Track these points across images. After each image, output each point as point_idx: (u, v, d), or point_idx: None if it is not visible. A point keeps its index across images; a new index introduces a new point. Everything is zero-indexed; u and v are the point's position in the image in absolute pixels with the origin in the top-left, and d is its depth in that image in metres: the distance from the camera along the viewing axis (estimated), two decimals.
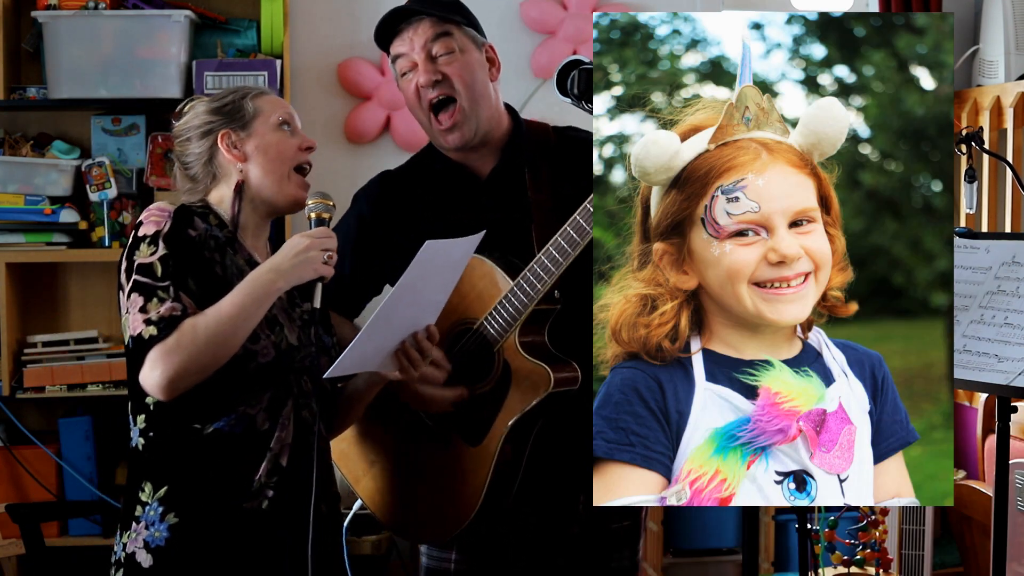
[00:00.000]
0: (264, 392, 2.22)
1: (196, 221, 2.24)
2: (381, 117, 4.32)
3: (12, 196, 3.92)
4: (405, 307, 2.22)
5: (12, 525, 3.35)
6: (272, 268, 2.20)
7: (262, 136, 2.33)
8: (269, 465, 2.21)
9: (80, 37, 3.94)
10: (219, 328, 2.13)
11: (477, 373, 2.42)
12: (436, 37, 2.44)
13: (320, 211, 2.31)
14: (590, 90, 2.38)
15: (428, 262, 2.17)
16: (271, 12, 4.11)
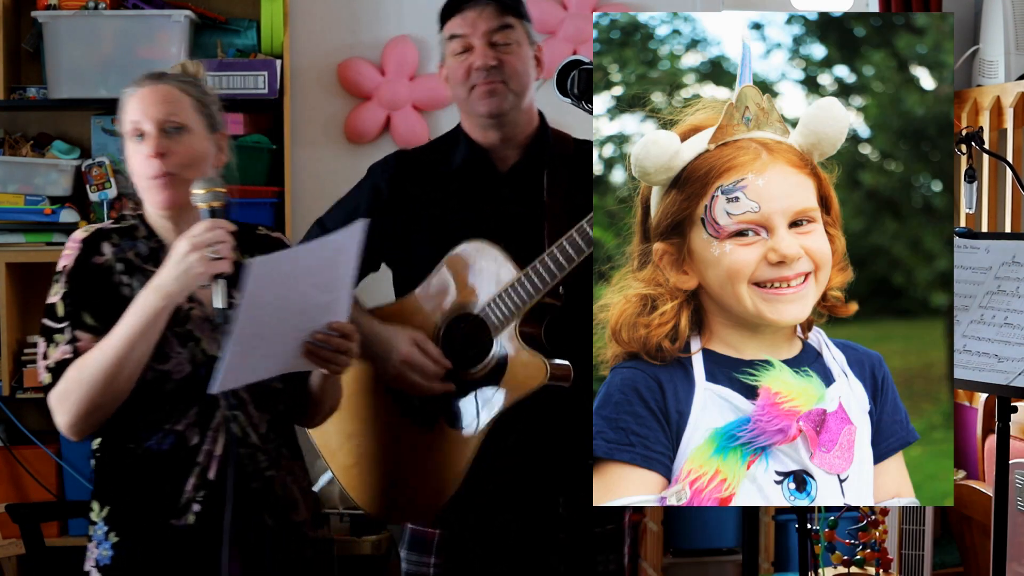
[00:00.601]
0: (191, 407, 2.20)
1: (104, 247, 2.23)
2: (381, 117, 4.32)
3: (12, 196, 3.92)
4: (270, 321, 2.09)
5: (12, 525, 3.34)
6: (155, 287, 2.13)
7: (127, 152, 2.28)
8: (196, 480, 2.19)
9: (80, 37, 3.94)
10: (103, 366, 2.12)
11: (472, 357, 2.42)
12: (500, 27, 2.46)
13: (208, 200, 2.15)
14: (590, 90, 2.38)
15: (267, 279, 2.04)
16: (271, 12, 4.11)
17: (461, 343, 2.44)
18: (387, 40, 4.33)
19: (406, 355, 2.41)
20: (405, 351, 2.42)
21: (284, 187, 4.13)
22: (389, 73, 4.32)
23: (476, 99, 2.46)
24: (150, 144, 2.21)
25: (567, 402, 2.41)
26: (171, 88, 2.28)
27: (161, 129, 2.22)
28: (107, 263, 2.23)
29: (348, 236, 2.14)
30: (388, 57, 4.32)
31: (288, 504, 2.28)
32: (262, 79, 4.02)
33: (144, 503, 2.21)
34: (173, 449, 2.20)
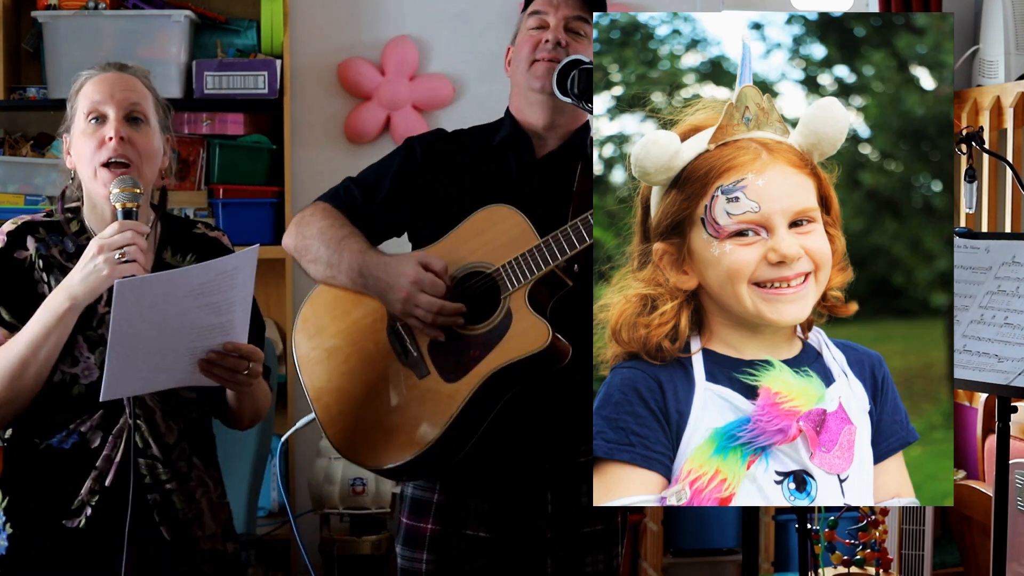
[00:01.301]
0: (97, 409, 2.18)
1: (28, 241, 2.21)
2: (381, 117, 4.32)
3: (12, 196, 3.92)
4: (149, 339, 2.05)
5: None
6: (63, 289, 2.11)
7: (76, 140, 2.24)
8: (92, 483, 2.17)
9: (80, 37, 3.94)
10: (9, 365, 2.11)
11: (477, 315, 2.43)
12: (578, 17, 2.53)
13: (124, 200, 2.13)
14: (590, 90, 2.38)
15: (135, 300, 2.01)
16: (271, 12, 4.11)
17: (471, 299, 2.44)
18: (387, 40, 4.33)
19: (414, 275, 2.40)
20: (412, 272, 2.41)
21: (284, 187, 4.13)
22: (389, 73, 4.32)
23: (535, 72, 2.50)
24: (112, 127, 2.19)
25: (561, 398, 2.41)
26: (136, 80, 2.27)
27: (125, 115, 2.20)
28: (28, 259, 2.21)
29: (239, 260, 2.11)
30: (388, 57, 4.32)
31: (190, 518, 2.25)
32: (262, 79, 4.03)
33: (40, 499, 2.19)
34: (74, 449, 2.18)
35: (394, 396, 2.48)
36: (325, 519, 4.03)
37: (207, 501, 2.29)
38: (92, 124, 2.20)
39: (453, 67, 4.38)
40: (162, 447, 2.21)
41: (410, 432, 2.42)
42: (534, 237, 2.40)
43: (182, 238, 2.31)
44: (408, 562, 2.55)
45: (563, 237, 2.36)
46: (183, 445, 2.25)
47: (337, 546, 3.97)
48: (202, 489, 2.28)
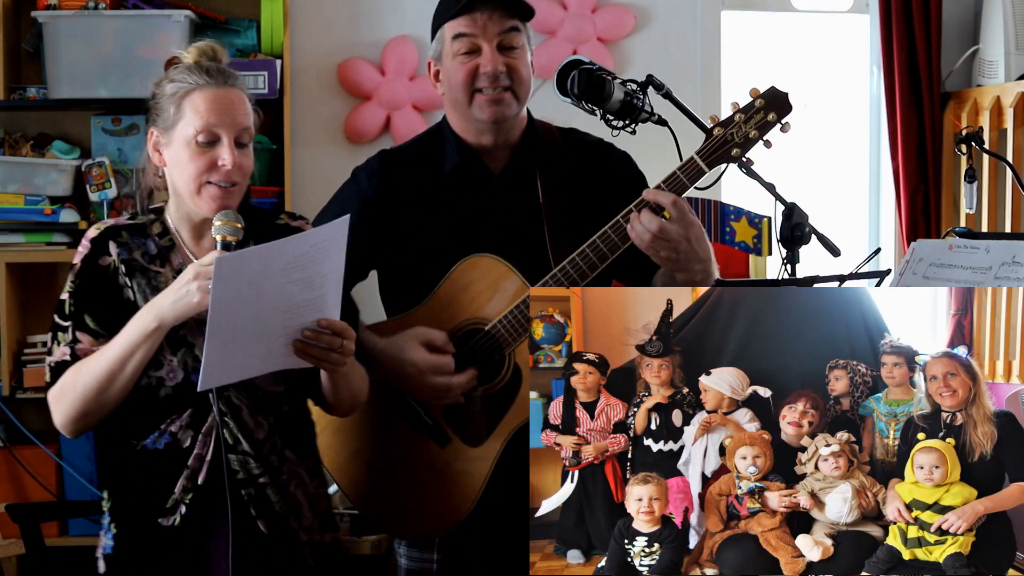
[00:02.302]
0: (186, 409, 2.21)
1: (110, 246, 2.24)
2: (381, 117, 4.32)
3: (12, 196, 3.92)
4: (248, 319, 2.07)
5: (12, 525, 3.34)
6: (153, 308, 2.14)
7: (177, 148, 2.22)
8: (185, 482, 2.20)
9: (80, 37, 3.93)
10: (96, 377, 2.16)
11: (484, 375, 2.41)
12: (509, 29, 2.43)
13: (225, 234, 2.17)
14: (590, 90, 2.38)
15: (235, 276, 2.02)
16: (271, 12, 4.11)
17: (475, 359, 2.42)
18: (387, 40, 4.33)
19: (423, 363, 2.39)
20: (420, 359, 2.39)
21: (284, 187, 4.13)
22: (389, 73, 4.32)
23: (479, 106, 2.43)
24: (228, 153, 2.18)
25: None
26: (243, 96, 2.25)
27: (236, 139, 2.20)
28: (111, 265, 2.24)
29: (331, 231, 2.12)
30: (388, 57, 4.32)
31: (287, 510, 2.26)
32: (262, 79, 4.02)
33: (139, 499, 2.23)
34: (168, 449, 2.21)
35: (420, 466, 2.46)
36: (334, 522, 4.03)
37: (303, 493, 2.30)
38: (201, 145, 2.19)
39: None
40: (252, 442, 2.22)
41: (447, 500, 2.42)
42: (523, 286, 2.36)
43: (265, 230, 2.29)
44: (416, 563, 2.54)
45: (553, 282, 2.34)
46: (274, 439, 2.26)
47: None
48: (296, 481, 2.29)
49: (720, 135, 2.27)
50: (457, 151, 2.50)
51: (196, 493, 2.20)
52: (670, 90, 2.46)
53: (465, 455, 2.41)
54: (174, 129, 2.22)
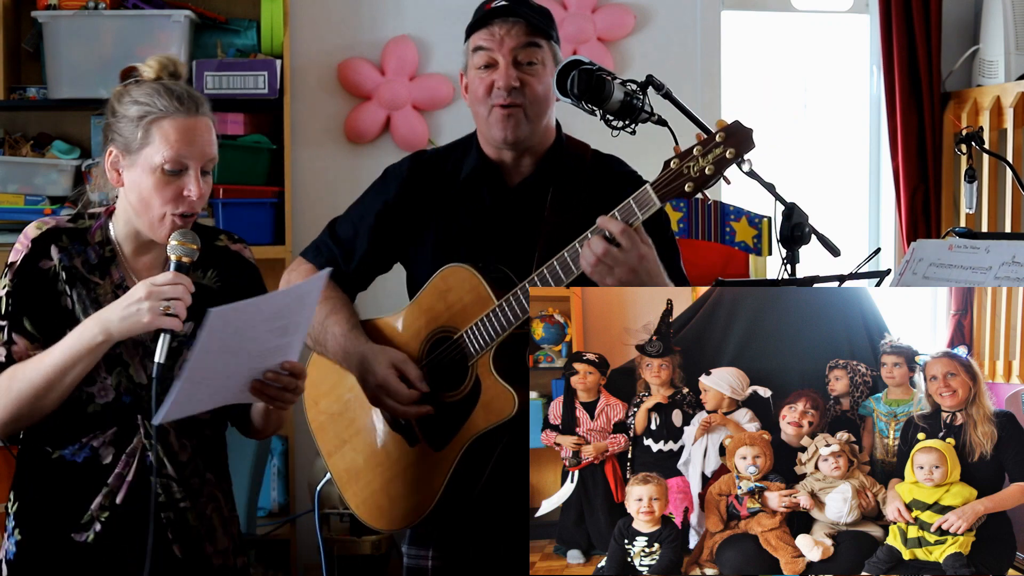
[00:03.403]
0: (110, 426, 2.18)
1: (52, 250, 2.19)
2: (381, 117, 4.32)
3: (12, 196, 3.92)
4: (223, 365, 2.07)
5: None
6: (100, 321, 2.10)
7: (140, 173, 2.16)
8: (103, 500, 2.17)
9: (80, 37, 3.94)
10: (34, 383, 2.11)
11: (451, 381, 2.43)
12: (525, 45, 2.45)
13: (180, 254, 2.14)
14: (590, 90, 2.37)
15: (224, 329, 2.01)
16: (271, 12, 4.11)
17: (440, 367, 2.44)
18: (387, 40, 4.33)
19: (381, 379, 2.41)
20: (381, 375, 2.41)
21: (284, 187, 4.13)
22: (389, 73, 4.32)
23: (493, 123, 2.45)
24: (194, 183, 2.15)
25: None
26: (210, 122, 2.23)
27: (202, 168, 2.18)
28: (51, 269, 2.19)
29: (312, 285, 2.14)
30: (388, 57, 4.32)
31: (203, 534, 2.25)
32: (262, 79, 4.02)
33: (49, 509, 2.19)
34: (86, 463, 2.18)
35: (393, 463, 2.51)
36: (325, 519, 4.03)
37: (218, 516, 2.29)
38: (168, 174, 2.15)
39: (453, 67, 4.36)
40: (176, 465, 2.21)
41: (409, 499, 2.46)
42: (489, 300, 2.37)
43: (204, 251, 2.25)
44: (414, 560, 2.57)
45: (515, 300, 2.33)
46: (196, 461, 2.25)
47: (337, 546, 3.97)
48: (213, 504, 2.28)
49: (675, 168, 2.23)
50: (476, 160, 2.53)
51: (112, 512, 2.17)
52: (670, 90, 2.45)
53: (429, 458, 2.44)
54: (139, 154, 2.16)
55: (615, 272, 2.24)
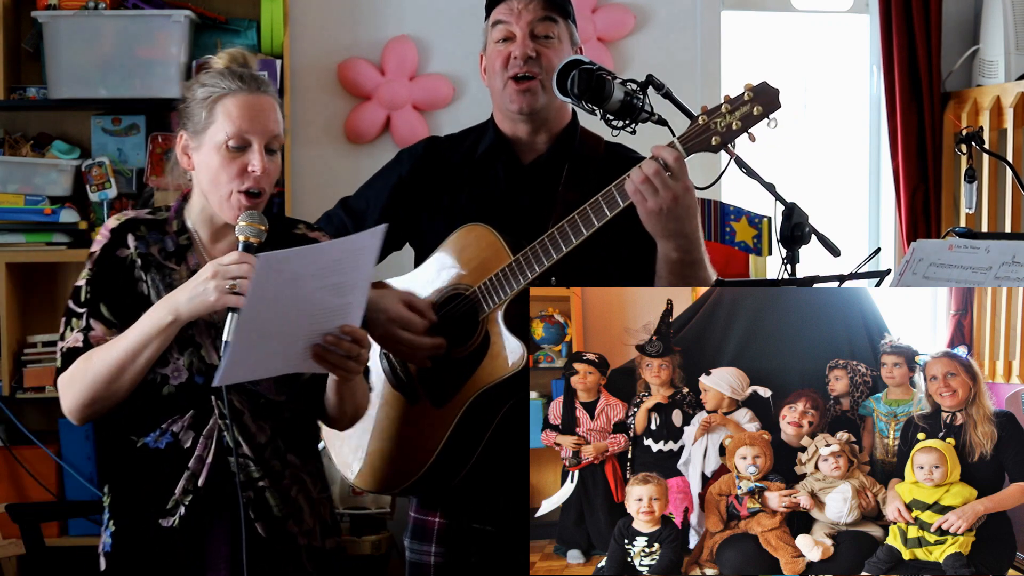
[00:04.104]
0: (188, 410, 2.21)
1: (129, 239, 2.25)
2: (381, 117, 4.32)
3: (12, 196, 3.92)
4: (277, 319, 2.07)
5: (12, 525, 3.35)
6: (169, 302, 2.14)
7: (207, 152, 2.22)
8: (186, 483, 2.19)
9: (80, 37, 3.94)
10: (107, 366, 2.16)
11: (459, 337, 2.44)
12: (542, 19, 2.50)
13: (248, 235, 2.17)
14: (590, 90, 2.38)
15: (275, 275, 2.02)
16: (271, 12, 4.11)
17: (453, 321, 2.45)
18: (387, 40, 4.33)
19: (395, 313, 2.42)
20: (394, 310, 2.43)
21: (284, 187, 4.13)
22: (389, 73, 4.32)
23: (510, 94, 2.50)
24: (257, 159, 2.19)
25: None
26: (275, 103, 2.26)
27: (266, 146, 2.21)
28: (128, 257, 2.25)
29: (367, 239, 2.12)
30: (388, 57, 4.32)
31: (287, 514, 2.26)
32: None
33: (139, 497, 2.23)
34: (169, 449, 2.21)
35: (392, 422, 2.51)
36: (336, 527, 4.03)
37: (305, 497, 2.29)
38: (232, 150, 2.19)
39: (453, 67, 4.37)
40: (253, 446, 2.22)
41: (407, 459, 2.46)
42: (506, 256, 2.40)
43: (284, 240, 2.29)
44: (416, 555, 2.58)
45: (532, 254, 2.36)
46: (276, 443, 2.26)
47: None
48: (298, 486, 2.28)
49: (703, 123, 2.28)
50: (492, 137, 2.58)
51: (195, 495, 2.20)
52: (670, 90, 2.46)
53: (430, 415, 2.44)
54: (205, 133, 2.22)
55: (660, 195, 2.27)
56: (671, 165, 2.27)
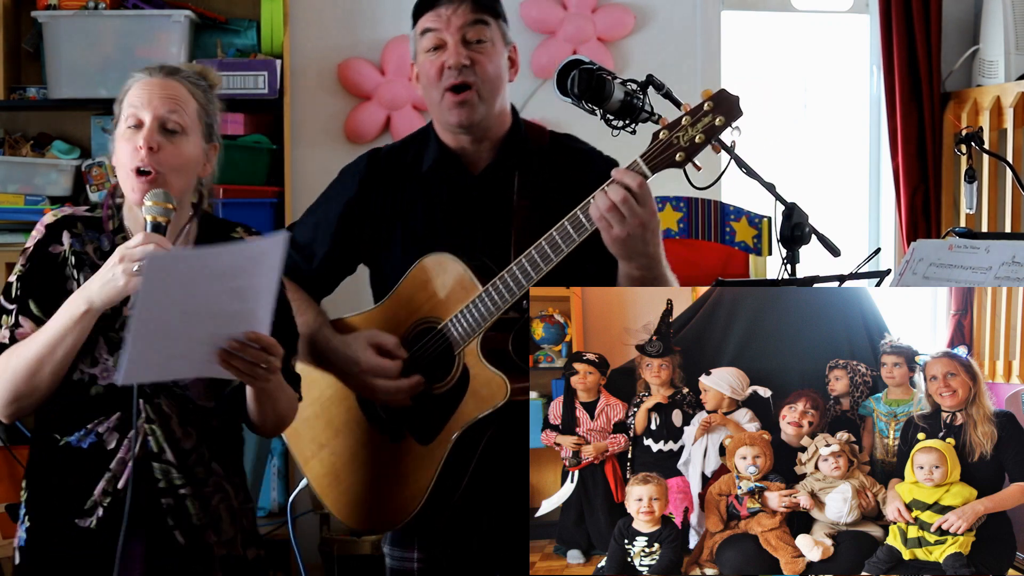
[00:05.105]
0: (114, 411, 2.19)
1: (64, 236, 2.22)
2: (381, 117, 4.32)
3: (12, 196, 3.92)
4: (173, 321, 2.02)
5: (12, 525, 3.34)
6: (81, 293, 2.11)
7: (117, 138, 2.22)
8: (105, 484, 2.18)
9: (80, 37, 3.94)
10: (26, 361, 2.13)
11: (436, 373, 2.41)
12: (473, 23, 2.42)
13: (155, 214, 2.13)
14: (590, 90, 2.37)
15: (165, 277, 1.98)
16: (271, 12, 4.11)
17: (427, 358, 2.43)
18: (387, 40, 4.33)
19: (366, 364, 2.40)
20: (364, 360, 2.40)
21: (284, 187, 4.13)
22: (389, 73, 4.32)
23: (447, 108, 2.43)
24: (143, 136, 2.17)
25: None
26: (180, 86, 2.25)
27: (160, 125, 2.19)
28: (61, 254, 2.22)
29: (267, 245, 2.07)
30: (388, 57, 4.32)
31: (206, 523, 2.24)
32: (262, 79, 4.02)
33: (57, 496, 2.21)
34: (92, 449, 2.19)
35: (376, 462, 2.48)
36: (325, 519, 4.03)
37: (226, 507, 2.27)
38: (130, 129, 2.19)
39: None
40: (177, 452, 2.20)
41: (397, 497, 2.43)
42: (473, 286, 2.35)
43: (219, 240, 2.28)
44: (398, 562, 2.54)
45: (501, 284, 2.32)
46: (201, 451, 2.24)
47: (337, 546, 3.97)
48: (220, 495, 2.27)
49: (665, 139, 2.23)
50: (436, 151, 2.50)
51: (115, 497, 2.17)
52: (670, 90, 2.45)
53: (416, 452, 2.41)
54: (117, 127, 2.22)
55: (627, 222, 2.22)
56: (636, 192, 2.21)
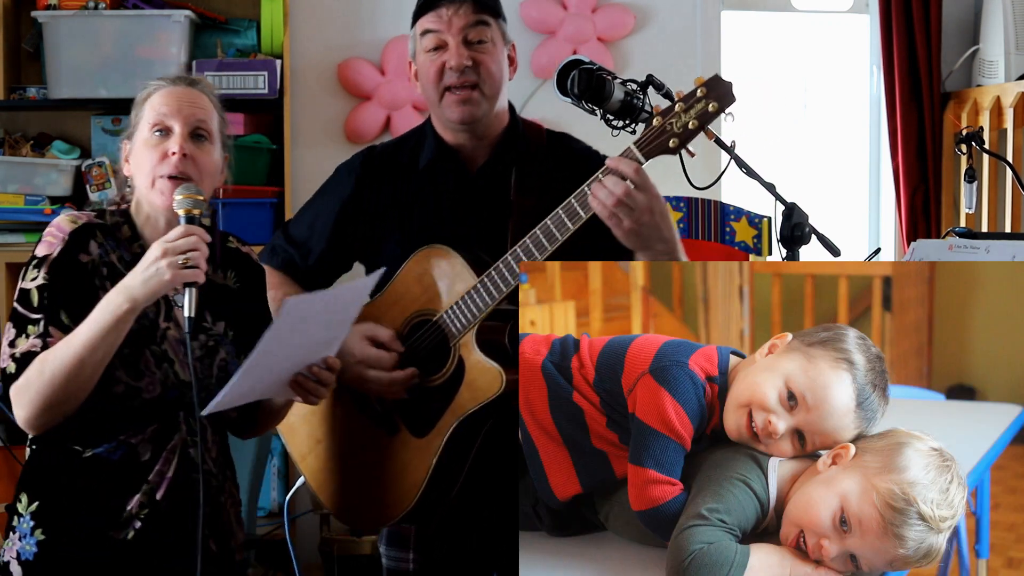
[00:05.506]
0: (150, 424, 2.17)
1: (92, 245, 2.17)
2: (381, 117, 4.32)
3: (12, 196, 3.92)
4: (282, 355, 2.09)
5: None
6: (122, 289, 2.06)
7: (137, 148, 2.21)
8: (143, 497, 2.15)
9: (80, 37, 3.94)
10: (65, 365, 2.06)
11: (432, 365, 2.41)
12: (475, 24, 2.42)
13: (187, 207, 2.12)
14: (590, 90, 2.37)
15: (296, 318, 2.03)
16: (271, 12, 4.11)
17: (422, 350, 2.43)
18: (387, 40, 4.33)
19: (361, 355, 2.39)
20: (359, 351, 2.40)
21: (284, 187, 4.13)
22: (389, 73, 4.32)
23: (448, 105, 2.43)
24: (176, 142, 2.16)
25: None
26: (203, 96, 2.24)
27: (190, 131, 2.19)
28: (92, 263, 2.17)
29: (369, 283, 2.16)
30: (388, 57, 4.32)
31: (229, 529, 2.26)
32: (262, 79, 4.02)
33: (82, 508, 2.16)
34: (122, 460, 2.16)
35: (371, 456, 2.47)
36: (325, 519, 4.03)
37: (234, 512, 2.29)
38: (156, 136, 2.18)
39: None
40: (212, 462, 2.22)
41: (394, 491, 2.42)
42: (469, 276, 2.35)
43: (222, 253, 2.28)
44: (394, 562, 2.54)
45: (497, 275, 2.31)
46: (220, 459, 2.26)
47: (337, 546, 3.97)
48: (231, 501, 2.28)
49: (659, 125, 2.23)
50: (434, 148, 2.50)
51: (152, 509, 2.15)
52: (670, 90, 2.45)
53: (412, 445, 2.40)
54: (136, 132, 2.21)
55: (635, 213, 2.21)
56: (634, 178, 2.21)
